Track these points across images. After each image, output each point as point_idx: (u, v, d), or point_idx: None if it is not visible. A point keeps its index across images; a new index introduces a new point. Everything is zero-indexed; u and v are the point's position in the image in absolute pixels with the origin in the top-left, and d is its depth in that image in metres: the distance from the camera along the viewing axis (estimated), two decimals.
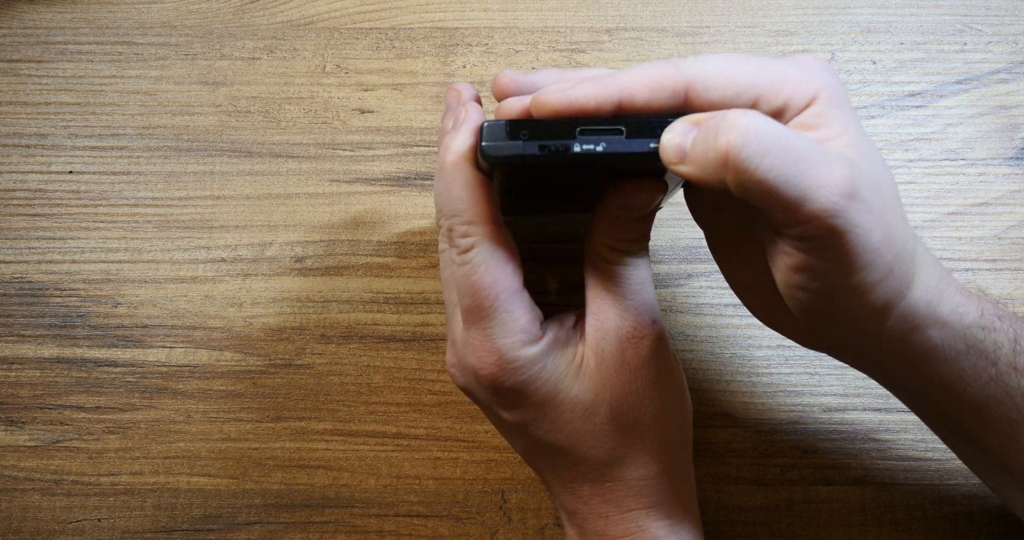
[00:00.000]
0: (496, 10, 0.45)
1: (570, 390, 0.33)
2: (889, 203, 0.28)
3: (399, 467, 0.41)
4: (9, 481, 0.41)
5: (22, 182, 0.44)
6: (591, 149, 0.28)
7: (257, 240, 0.43)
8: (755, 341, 0.42)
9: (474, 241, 0.32)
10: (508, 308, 0.32)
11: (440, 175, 0.32)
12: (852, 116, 0.29)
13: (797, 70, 0.29)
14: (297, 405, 0.41)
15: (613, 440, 0.33)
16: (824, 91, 0.29)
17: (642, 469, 0.34)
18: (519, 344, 0.32)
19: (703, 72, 0.28)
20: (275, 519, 0.40)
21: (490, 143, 0.29)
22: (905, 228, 0.29)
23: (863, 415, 0.41)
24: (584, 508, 0.34)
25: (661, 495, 0.34)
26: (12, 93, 0.45)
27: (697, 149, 0.26)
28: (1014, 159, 0.43)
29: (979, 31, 0.45)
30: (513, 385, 0.33)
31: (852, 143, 0.28)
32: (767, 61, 0.29)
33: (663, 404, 0.34)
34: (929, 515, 0.40)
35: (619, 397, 0.33)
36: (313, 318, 0.42)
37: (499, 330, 0.32)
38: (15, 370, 0.42)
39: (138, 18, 0.45)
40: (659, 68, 0.28)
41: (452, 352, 0.35)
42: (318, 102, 0.44)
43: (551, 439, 0.34)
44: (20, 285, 0.43)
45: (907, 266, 0.29)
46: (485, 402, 0.34)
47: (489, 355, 0.32)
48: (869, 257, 0.27)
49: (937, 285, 0.30)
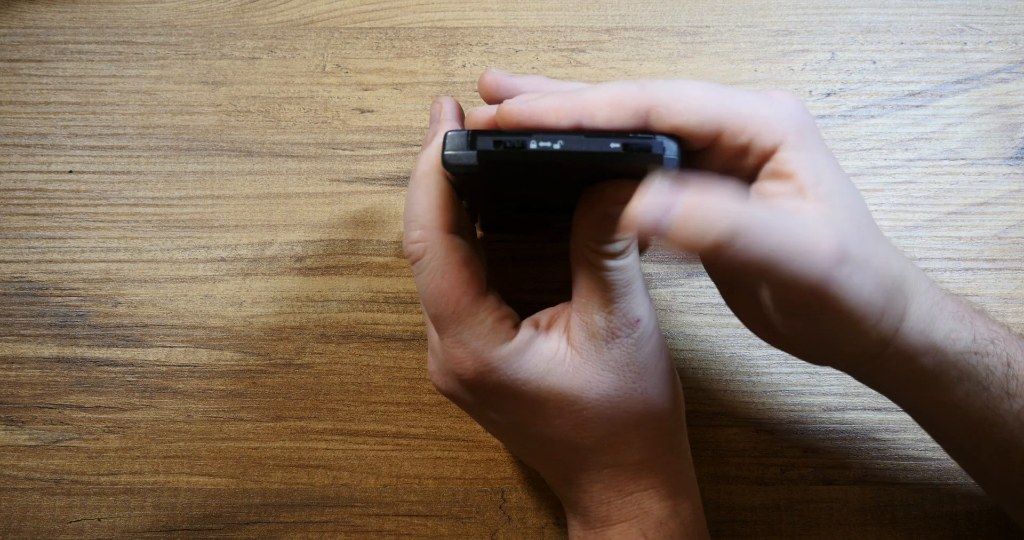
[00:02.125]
0: (496, 10, 0.45)
1: (555, 384, 0.33)
2: (873, 245, 0.28)
3: (399, 467, 0.41)
4: (9, 481, 0.41)
5: (22, 182, 0.44)
6: (548, 146, 0.27)
7: (257, 240, 0.43)
8: (755, 341, 0.42)
9: (425, 247, 0.32)
10: (472, 311, 0.32)
11: (409, 185, 0.33)
12: (823, 156, 0.29)
13: (767, 108, 0.28)
14: (297, 405, 0.41)
15: (604, 428, 0.33)
16: (792, 134, 0.28)
17: (637, 453, 0.34)
18: (492, 344, 0.32)
19: (668, 95, 0.28)
20: (275, 519, 0.40)
21: (451, 152, 0.29)
22: (891, 259, 0.29)
23: (863, 415, 0.41)
24: (585, 497, 0.34)
25: (660, 476, 0.34)
26: (12, 93, 0.45)
27: (682, 232, 0.25)
28: (1014, 159, 0.43)
29: (979, 31, 0.45)
30: (496, 384, 0.33)
31: (828, 191, 0.28)
32: (738, 93, 0.29)
33: (652, 392, 0.34)
34: (929, 515, 0.40)
35: (606, 389, 0.33)
36: (313, 318, 0.42)
37: (468, 334, 0.32)
38: (15, 370, 0.42)
39: (138, 18, 0.45)
40: (624, 88, 0.28)
41: (433, 360, 0.35)
42: (318, 102, 0.44)
43: (543, 434, 0.34)
44: (20, 285, 0.43)
45: (900, 301, 0.30)
46: (473, 405, 0.35)
47: (466, 358, 0.32)
48: (863, 310, 0.28)
49: (930, 311, 0.31)
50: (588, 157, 0.27)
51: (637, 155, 0.27)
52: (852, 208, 0.28)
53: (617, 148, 0.27)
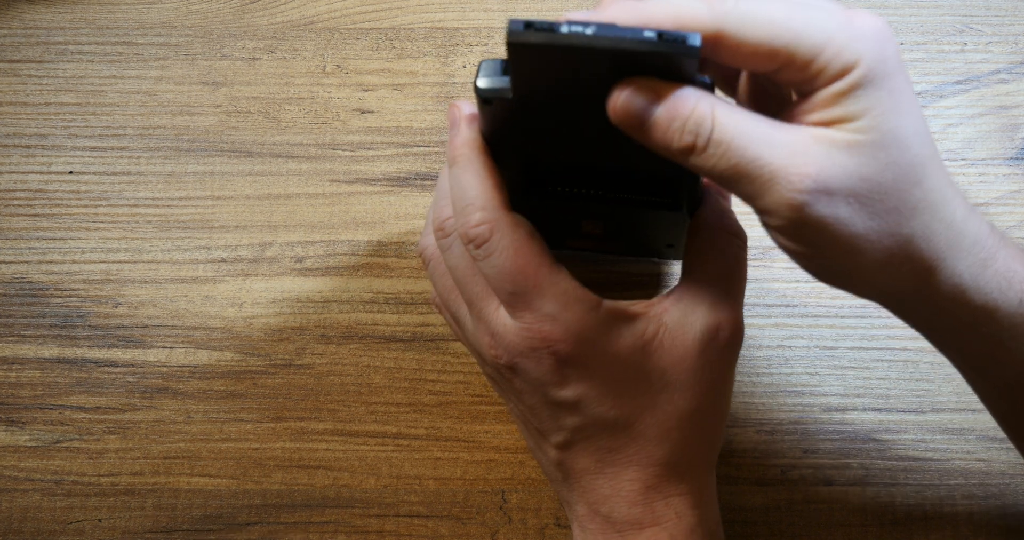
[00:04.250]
0: (496, 10, 0.45)
1: (636, 363, 0.32)
2: (895, 195, 0.27)
3: (399, 467, 0.41)
4: (9, 481, 0.41)
5: (22, 182, 0.44)
6: (580, 31, 0.26)
7: (257, 240, 0.43)
8: (755, 341, 0.42)
9: (491, 227, 0.31)
10: (554, 281, 0.31)
11: (451, 171, 0.32)
12: (888, 96, 0.27)
13: (845, 33, 0.26)
14: (297, 405, 0.41)
15: (670, 421, 0.32)
16: (861, 67, 0.26)
17: (687, 456, 0.33)
18: (581, 312, 0.31)
19: (738, 20, 0.26)
20: (275, 519, 0.40)
21: (485, 77, 0.28)
22: (917, 219, 0.28)
23: (863, 415, 0.41)
24: (617, 496, 0.33)
25: (697, 482, 0.33)
26: (12, 93, 0.45)
27: (661, 129, 0.26)
28: (1014, 159, 0.43)
29: (979, 31, 0.45)
30: (580, 354, 0.31)
31: (869, 127, 0.26)
32: (817, 15, 0.26)
33: (721, 401, 0.33)
34: (930, 516, 0.40)
35: (687, 382, 0.32)
36: (313, 318, 0.42)
37: (554, 305, 0.31)
38: (15, 370, 0.42)
39: (138, 18, 0.45)
40: (691, 5, 0.26)
41: (491, 337, 0.32)
42: (318, 102, 0.44)
43: (611, 414, 0.32)
44: (20, 285, 0.43)
45: (921, 252, 0.28)
46: (538, 382, 0.32)
47: (555, 331, 0.31)
48: (855, 244, 0.27)
49: (970, 270, 0.29)
50: (620, 43, 0.26)
51: (672, 44, 0.26)
52: (888, 154, 0.27)
53: (652, 37, 0.26)
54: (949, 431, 0.41)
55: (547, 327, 0.31)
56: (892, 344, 0.42)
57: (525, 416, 0.35)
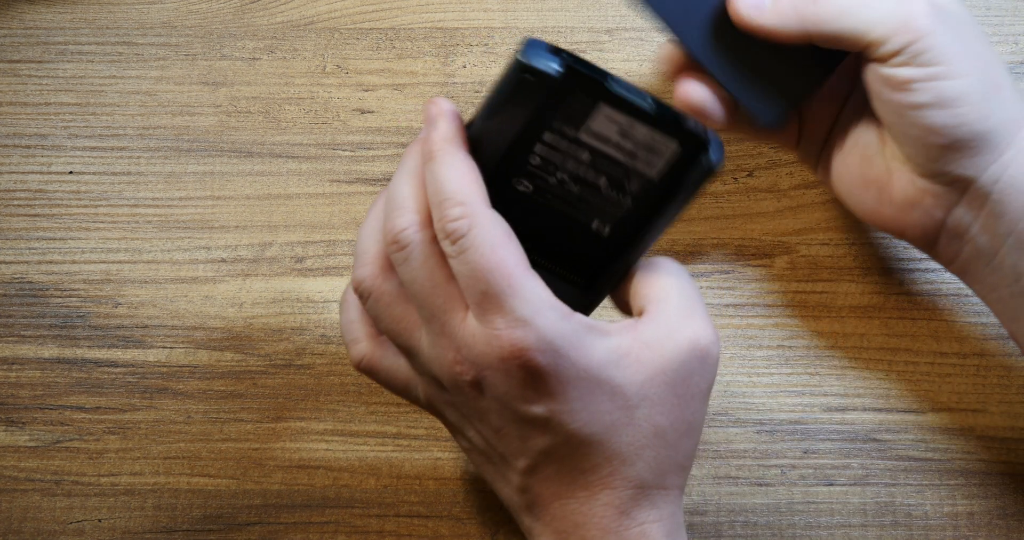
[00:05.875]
0: (496, 10, 0.45)
1: (612, 377, 0.30)
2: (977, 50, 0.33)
3: (399, 467, 0.41)
4: (9, 482, 0.41)
5: (22, 182, 0.44)
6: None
7: (257, 240, 0.43)
8: (755, 341, 0.42)
9: (469, 223, 0.29)
10: (528, 284, 0.29)
11: (428, 166, 0.31)
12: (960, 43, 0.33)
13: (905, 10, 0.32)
14: (297, 405, 0.41)
15: (646, 438, 0.31)
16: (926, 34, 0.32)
17: (660, 477, 0.32)
18: (555, 318, 0.29)
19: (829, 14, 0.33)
20: (275, 519, 0.40)
21: (532, 50, 0.30)
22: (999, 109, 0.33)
23: (863, 415, 0.41)
24: (589, 524, 0.31)
25: (668, 508, 0.32)
26: (12, 93, 0.45)
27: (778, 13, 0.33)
28: None
29: None
30: (552, 365, 0.29)
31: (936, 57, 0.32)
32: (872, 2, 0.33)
33: (696, 421, 0.32)
34: (930, 516, 0.40)
35: (664, 397, 0.31)
36: (313, 318, 0.42)
37: (527, 308, 0.29)
38: (15, 370, 0.42)
39: (138, 18, 0.45)
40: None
41: (456, 352, 0.31)
42: (318, 102, 0.44)
43: (583, 431, 0.30)
44: (20, 285, 0.43)
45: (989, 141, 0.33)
46: (506, 398, 0.30)
47: (524, 336, 0.29)
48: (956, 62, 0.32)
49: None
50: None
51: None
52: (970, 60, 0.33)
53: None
54: (949, 431, 0.41)
55: (519, 333, 0.29)
56: (892, 344, 0.42)
57: (487, 442, 0.32)
